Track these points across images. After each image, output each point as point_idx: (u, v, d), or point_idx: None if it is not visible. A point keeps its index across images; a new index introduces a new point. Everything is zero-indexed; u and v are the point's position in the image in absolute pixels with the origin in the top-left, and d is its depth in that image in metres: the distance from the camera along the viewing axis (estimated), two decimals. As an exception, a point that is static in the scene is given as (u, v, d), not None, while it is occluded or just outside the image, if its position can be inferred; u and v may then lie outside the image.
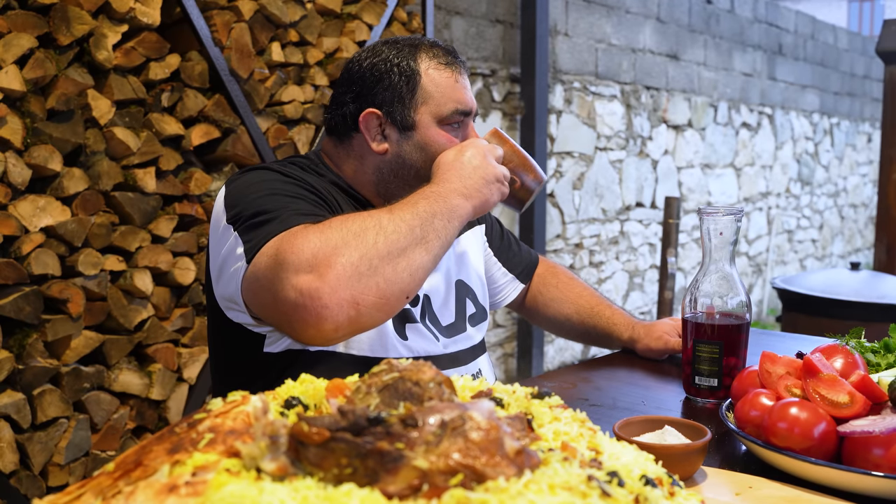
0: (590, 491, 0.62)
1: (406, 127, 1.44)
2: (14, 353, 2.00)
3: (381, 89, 1.45)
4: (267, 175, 1.37)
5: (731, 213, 1.37)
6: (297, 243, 1.16)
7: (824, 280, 3.95)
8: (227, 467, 0.62)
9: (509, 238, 1.84)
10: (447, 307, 1.56)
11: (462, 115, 1.45)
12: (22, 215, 1.97)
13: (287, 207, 1.27)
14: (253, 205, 1.29)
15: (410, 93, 1.43)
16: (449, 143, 1.44)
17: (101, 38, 2.09)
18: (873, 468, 1.00)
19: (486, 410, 0.68)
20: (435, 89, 1.43)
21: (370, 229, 1.18)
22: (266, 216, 1.26)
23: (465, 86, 1.47)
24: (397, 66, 1.44)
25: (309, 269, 1.14)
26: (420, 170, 1.45)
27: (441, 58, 1.45)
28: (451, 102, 1.44)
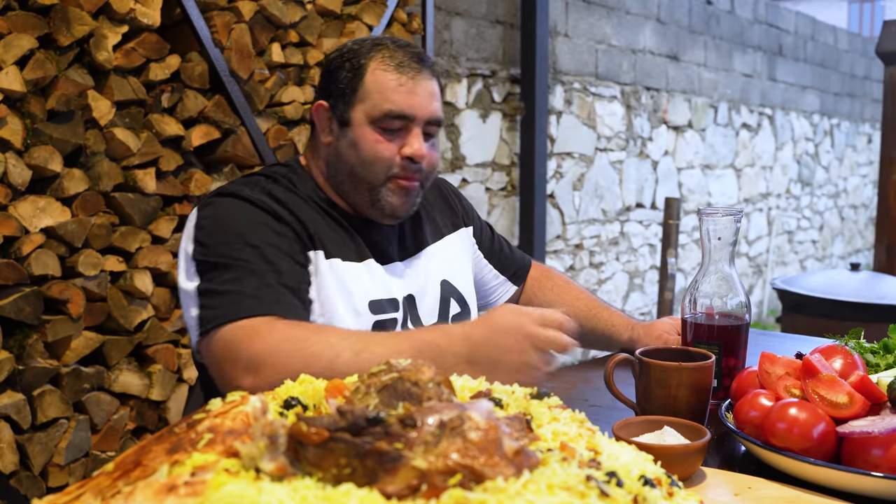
0: (588, 491, 0.62)
1: (343, 122, 1.45)
2: (14, 354, 2.00)
3: (332, 83, 1.47)
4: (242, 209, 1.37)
5: (730, 214, 1.37)
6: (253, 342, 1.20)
7: (824, 281, 3.95)
8: (226, 467, 0.62)
9: (500, 241, 1.83)
10: (431, 307, 1.56)
11: (398, 118, 1.41)
12: (22, 216, 1.98)
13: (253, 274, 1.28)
14: (220, 252, 1.31)
15: (353, 89, 1.43)
16: (379, 144, 1.42)
17: (101, 39, 2.09)
18: (872, 468, 1.00)
19: (484, 411, 0.68)
20: (374, 89, 1.42)
21: (324, 355, 1.18)
22: (227, 282, 1.28)
23: (414, 91, 1.42)
24: (349, 62, 1.45)
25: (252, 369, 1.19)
26: (353, 168, 1.44)
27: (394, 60, 1.43)
28: (386, 103, 1.41)
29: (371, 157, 1.42)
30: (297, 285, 1.34)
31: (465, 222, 1.74)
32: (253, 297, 1.26)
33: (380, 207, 1.46)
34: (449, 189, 1.77)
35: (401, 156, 1.43)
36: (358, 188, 1.46)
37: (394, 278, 1.51)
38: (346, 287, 1.42)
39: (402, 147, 1.43)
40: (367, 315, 1.44)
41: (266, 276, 1.29)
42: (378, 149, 1.42)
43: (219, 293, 1.28)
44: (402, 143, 1.43)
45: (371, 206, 1.46)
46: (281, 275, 1.32)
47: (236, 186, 1.43)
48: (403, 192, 1.45)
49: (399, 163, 1.43)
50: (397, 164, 1.43)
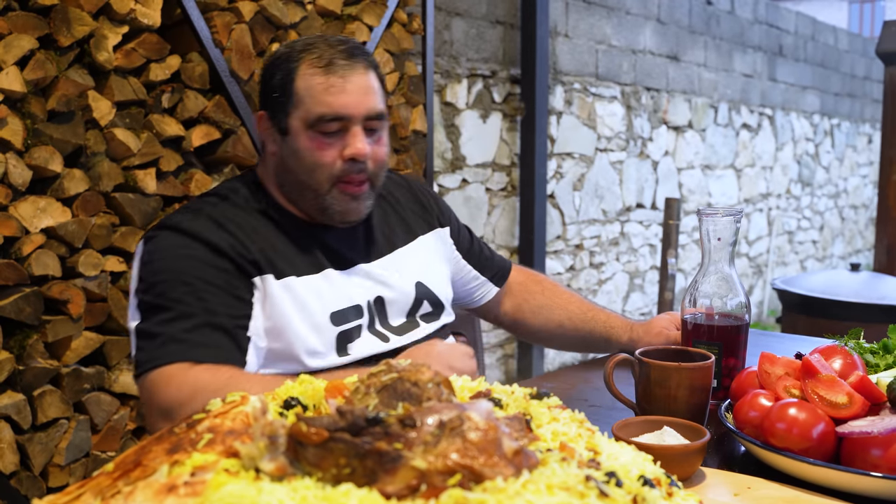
0: (588, 491, 0.62)
1: (283, 131, 1.42)
2: (14, 354, 2.00)
3: (267, 91, 1.45)
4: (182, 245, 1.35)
5: (730, 215, 1.37)
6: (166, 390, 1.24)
7: (824, 281, 3.95)
8: (226, 467, 0.62)
9: (480, 244, 1.82)
10: (401, 309, 1.54)
11: (334, 121, 1.38)
12: (22, 216, 1.98)
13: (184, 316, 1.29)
14: (157, 291, 1.32)
15: (286, 97, 1.40)
16: (319, 149, 1.39)
17: (101, 40, 2.09)
18: (872, 469, 1.00)
19: (484, 411, 0.68)
20: (305, 94, 1.38)
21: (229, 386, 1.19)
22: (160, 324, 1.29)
23: (345, 90, 1.38)
24: (279, 69, 1.42)
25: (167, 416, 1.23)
26: (298, 176, 1.42)
27: (322, 60, 1.39)
28: (318, 107, 1.37)
29: (312, 163, 1.39)
30: (232, 324, 1.33)
31: (441, 223, 1.71)
32: (179, 341, 1.27)
33: (329, 214, 1.44)
34: (423, 190, 1.74)
35: (342, 158, 1.39)
36: (305, 196, 1.43)
37: (356, 283, 1.48)
38: (304, 305, 1.40)
39: (344, 149, 1.39)
40: (330, 328, 1.42)
41: (197, 318, 1.29)
42: (318, 154, 1.39)
43: (149, 336, 1.29)
44: (343, 145, 1.39)
45: (321, 212, 1.44)
46: (214, 314, 1.31)
47: (180, 216, 1.41)
48: (351, 197, 1.42)
49: (342, 165, 1.40)
50: (340, 167, 1.40)
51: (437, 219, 1.70)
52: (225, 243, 1.37)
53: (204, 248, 1.36)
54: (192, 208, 1.44)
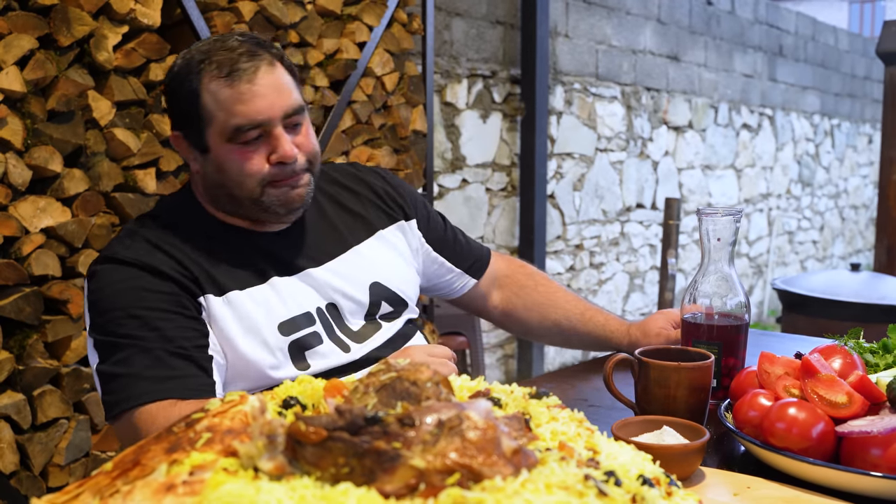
0: (586, 490, 0.62)
1: (202, 149, 1.38)
2: (14, 354, 2.00)
3: (175, 111, 1.40)
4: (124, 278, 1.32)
5: (729, 214, 1.37)
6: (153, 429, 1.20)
7: (825, 281, 3.95)
8: (225, 466, 0.62)
9: (454, 232, 1.74)
10: (357, 313, 1.49)
11: (251, 129, 1.32)
12: (22, 216, 1.98)
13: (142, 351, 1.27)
14: (107, 331, 1.30)
15: (196, 115, 1.34)
16: (243, 159, 1.34)
17: (101, 40, 2.09)
18: (871, 468, 1.00)
19: (483, 410, 0.68)
20: (215, 107, 1.32)
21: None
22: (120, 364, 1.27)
23: (256, 94, 1.31)
24: (182, 86, 1.35)
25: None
26: (228, 189, 1.38)
27: (223, 69, 1.31)
28: (232, 119, 1.31)
29: (239, 175, 1.35)
30: (192, 347, 1.30)
31: (407, 215, 1.63)
32: (146, 378, 1.25)
33: (273, 211, 1.39)
34: (384, 182, 1.64)
35: (270, 163, 1.35)
36: (241, 204, 1.39)
37: (304, 290, 1.44)
38: (249, 318, 1.36)
39: (270, 154, 1.34)
40: (279, 339, 1.38)
41: (155, 350, 1.27)
42: (244, 165, 1.34)
43: (114, 377, 1.27)
44: (269, 150, 1.34)
45: (262, 213, 1.40)
46: (171, 341, 1.28)
47: (116, 244, 1.38)
48: (288, 187, 1.38)
49: (271, 170, 1.35)
50: (269, 172, 1.35)
51: (401, 211, 1.63)
52: (165, 265, 1.33)
53: (146, 274, 1.32)
54: (128, 232, 1.40)
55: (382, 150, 2.87)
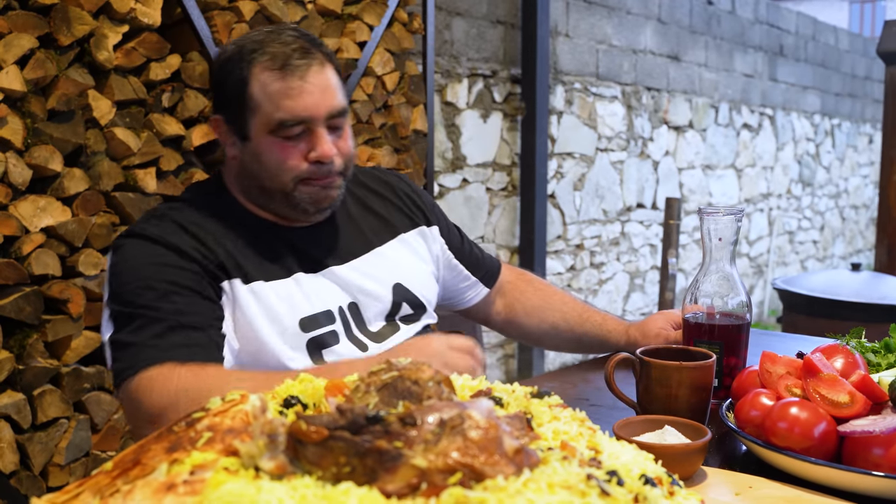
0: (589, 490, 0.62)
1: (242, 136, 1.38)
2: (14, 354, 2.00)
3: (221, 95, 1.40)
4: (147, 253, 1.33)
5: (731, 214, 1.37)
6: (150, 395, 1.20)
7: (825, 281, 3.95)
8: (226, 466, 0.62)
9: (469, 243, 1.77)
10: (378, 312, 1.49)
11: (295, 125, 1.34)
12: (22, 215, 1.97)
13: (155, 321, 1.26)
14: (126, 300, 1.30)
15: (242, 102, 1.35)
16: (282, 153, 1.35)
17: (101, 39, 2.09)
18: (873, 468, 0.99)
19: (485, 409, 0.67)
20: (263, 98, 1.33)
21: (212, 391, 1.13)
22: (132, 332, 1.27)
23: (304, 90, 1.33)
24: (232, 73, 1.36)
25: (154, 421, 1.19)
26: (262, 180, 1.39)
27: (276, 62, 1.33)
28: (279, 113, 1.33)
29: (276, 168, 1.36)
30: (205, 324, 1.30)
31: (429, 221, 1.65)
32: (152, 346, 1.25)
33: (302, 208, 1.40)
34: (408, 187, 1.68)
35: (308, 160, 1.36)
36: (272, 197, 1.40)
37: (328, 287, 1.44)
38: (272, 310, 1.36)
39: (309, 151, 1.36)
40: (299, 335, 1.38)
41: (168, 320, 1.27)
42: (282, 159, 1.35)
43: (124, 345, 1.27)
44: (308, 147, 1.36)
45: (291, 209, 1.41)
46: (185, 315, 1.28)
47: (144, 223, 1.38)
48: (320, 187, 1.39)
49: (308, 167, 1.36)
50: (306, 169, 1.36)
51: (423, 217, 1.65)
52: (190, 247, 1.34)
53: (170, 252, 1.33)
54: (157, 214, 1.40)
55: (383, 149, 2.87)
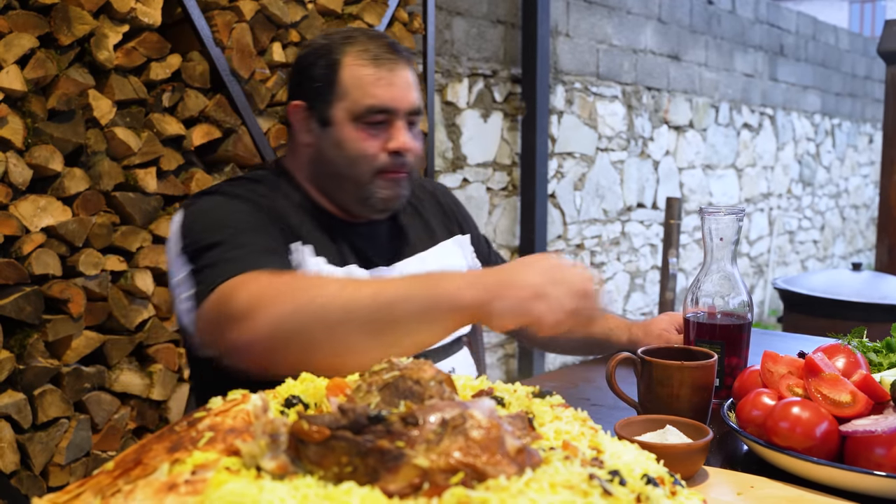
0: (591, 489, 0.62)
1: (324, 122, 1.42)
2: (15, 354, 2.00)
3: (306, 81, 1.44)
4: (221, 202, 1.35)
5: (732, 213, 1.37)
6: (236, 294, 1.16)
7: (826, 281, 3.95)
8: (227, 466, 0.61)
9: (495, 254, 1.82)
10: None
11: (380, 113, 1.39)
12: (23, 215, 1.97)
13: (236, 246, 1.25)
14: (204, 239, 1.28)
15: (330, 87, 1.41)
16: (364, 141, 1.40)
17: (102, 39, 2.09)
18: (875, 468, 0.99)
19: (486, 409, 0.67)
20: (353, 85, 1.39)
21: (313, 289, 1.11)
22: (214, 257, 1.24)
23: (393, 83, 1.40)
24: (322, 59, 1.42)
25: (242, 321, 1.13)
26: (339, 167, 1.42)
27: (369, 53, 1.40)
28: (367, 99, 1.38)
29: (357, 154, 1.40)
30: (282, 254, 1.32)
31: (463, 230, 1.71)
32: (236, 260, 1.23)
33: (370, 204, 1.44)
34: (446, 195, 1.75)
35: (387, 151, 1.41)
36: (344, 187, 1.44)
37: None
38: None
39: (388, 141, 1.41)
40: None
41: (249, 246, 1.27)
42: (363, 146, 1.40)
43: (206, 267, 1.25)
44: (387, 138, 1.41)
45: (360, 203, 1.44)
46: (264, 246, 1.29)
47: (218, 186, 1.42)
48: (393, 184, 1.43)
49: (385, 158, 1.41)
50: (383, 160, 1.41)
51: (458, 225, 1.70)
52: (264, 205, 1.37)
53: (247, 205, 1.35)
54: (228, 182, 1.44)
55: (383, 149, 2.87)
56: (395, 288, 1.09)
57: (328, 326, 1.07)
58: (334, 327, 1.07)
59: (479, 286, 1.07)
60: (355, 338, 1.07)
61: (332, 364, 1.05)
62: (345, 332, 1.07)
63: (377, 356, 1.00)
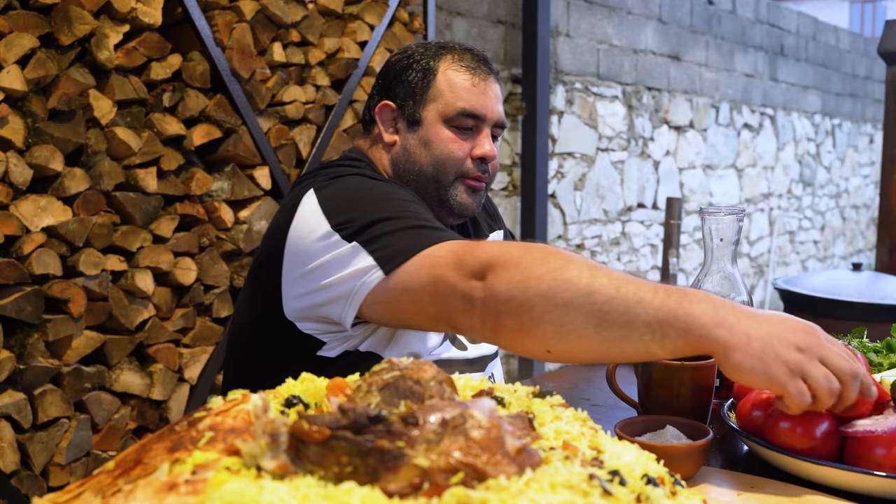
0: (591, 490, 0.62)
1: (414, 122, 1.46)
2: (15, 353, 2.00)
3: (399, 83, 1.48)
4: (367, 182, 1.36)
5: (732, 213, 1.37)
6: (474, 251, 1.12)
7: (826, 281, 3.94)
8: (227, 465, 0.61)
9: None
10: None
11: (471, 117, 1.44)
12: (23, 215, 1.97)
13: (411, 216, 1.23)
14: (370, 212, 1.24)
15: (423, 89, 1.45)
16: (452, 143, 1.43)
17: (102, 38, 2.09)
18: (876, 468, 0.99)
19: (487, 409, 0.67)
20: (447, 88, 1.44)
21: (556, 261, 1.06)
22: (394, 224, 1.21)
23: (485, 92, 1.46)
24: (418, 63, 1.47)
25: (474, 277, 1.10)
26: (423, 167, 1.45)
27: (464, 61, 1.46)
28: (460, 102, 1.43)
29: (444, 155, 1.44)
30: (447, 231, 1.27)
31: (498, 225, 1.77)
32: (427, 227, 1.21)
33: (448, 207, 1.47)
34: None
35: (472, 156, 1.45)
36: (426, 188, 1.46)
37: None
38: None
39: (474, 148, 1.45)
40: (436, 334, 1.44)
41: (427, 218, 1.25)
42: (452, 147, 1.43)
43: (393, 233, 1.21)
44: (473, 144, 1.45)
45: (439, 205, 1.47)
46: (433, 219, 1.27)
47: (342, 171, 1.39)
48: (472, 191, 1.47)
49: (469, 164, 1.45)
50: (468, 165, 1.45)
51: (495, 220, 1.77)
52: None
53: (391, 183, 1.37)
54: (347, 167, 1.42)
55: (384, 149, 2.87)
56: (637, 287, 1.02)
57: (561, 304, 1.03)
58: (567, 305, 1.02)
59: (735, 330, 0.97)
60: (581, 323, 1.02)
61: (550, 344, 1.04)
62: (575, 314, 1.02)
63: (594, 350, 1.00)
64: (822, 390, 0.94)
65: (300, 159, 2.66)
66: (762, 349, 0.95)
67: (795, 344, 0.95)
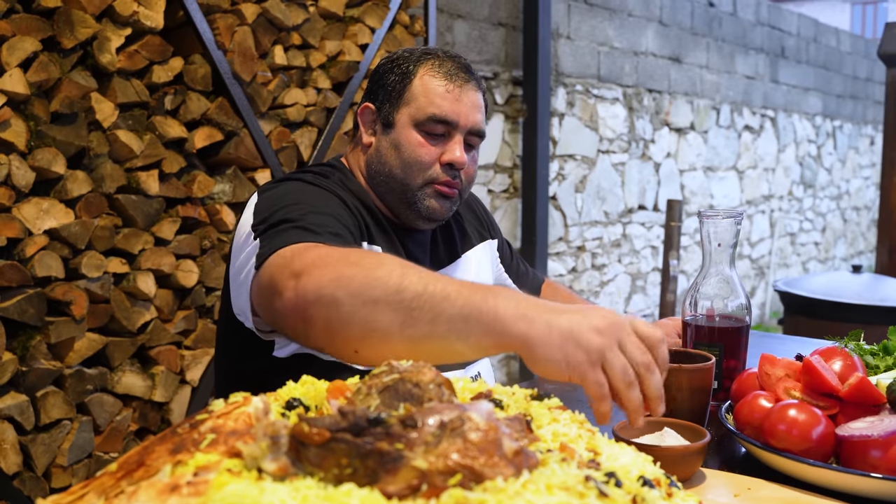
0: (587, 491, 0.62)
1: (387, 124, 1.47)
2: (17, 355, 2.00)
3: (380, 87, 1.50)
4: (299, 187, 1.38)
5: (730, 217, 1.37)
6: (295, 257, 1.13)
7: (826, 283, 3.95)
8: (229, 467, 0.62)
9: (518, 259, 1.86)
10: None
11: (441, 123, 1.43)
12: (25, 218, 1.98)
13: (307, 222, 1.24)
14: (275, 216, 1.27)
15: (400, 92, 1.46)
16: (420, 147, 1.43)
17: (104, 42, 2.10)
18: (871, 470, 1.00)
19: (485, 412, 0.68)
20: (421, 93, 1.45)
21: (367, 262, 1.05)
22: (282, 228, 1.23)
23: (460, 99, 1.44)
24: (399, 67, 1.48)
25: (291, 279, 1.10)
26: (392, 169, 1.45)
27: (443, 68, 1.46)
28: (431, 107, 1.43)
29: (412, 159, 1.44)
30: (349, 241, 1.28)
31: (491, 235, 1.77)
32: (303, 230, 1.21)
33: (416, 210, 1.47)
34: (476, 200, 1.81)
35: (441, 162, 1.44)
36: (394, 190, 1.47)
37: None
38: None
39: (443, 153, 1.44)
40: None
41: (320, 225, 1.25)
42: (420, 152, 1.44)
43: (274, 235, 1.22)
44: (443, 150, 1.45)
45: (406, 207, 1.47)
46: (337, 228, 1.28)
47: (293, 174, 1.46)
48: (441, 197, 1.46)
49: (438, 170, 1.45)
50: (436, 170, 1.45)
51: (487, 230, 1.76)
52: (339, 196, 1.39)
53: (323, 192, 1.38)
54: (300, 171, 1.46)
55: (384, 151, 2.88)
56: (445, 284, 1.00)
57: (369, 301, 1.01)
58: (375, 302, 1.00)
59: (536, 322, 0.94)
60: (387, 321, 1.00)
61: (356, 344, 1.02)
62: (382, 312, 1.00)
63: (400, 350, 0.97)
64: (616, 378, 0.92)
65: (301, 162, 2.66)
66: (562, 339, 0.92)
67: (596, 327, 0.93)
